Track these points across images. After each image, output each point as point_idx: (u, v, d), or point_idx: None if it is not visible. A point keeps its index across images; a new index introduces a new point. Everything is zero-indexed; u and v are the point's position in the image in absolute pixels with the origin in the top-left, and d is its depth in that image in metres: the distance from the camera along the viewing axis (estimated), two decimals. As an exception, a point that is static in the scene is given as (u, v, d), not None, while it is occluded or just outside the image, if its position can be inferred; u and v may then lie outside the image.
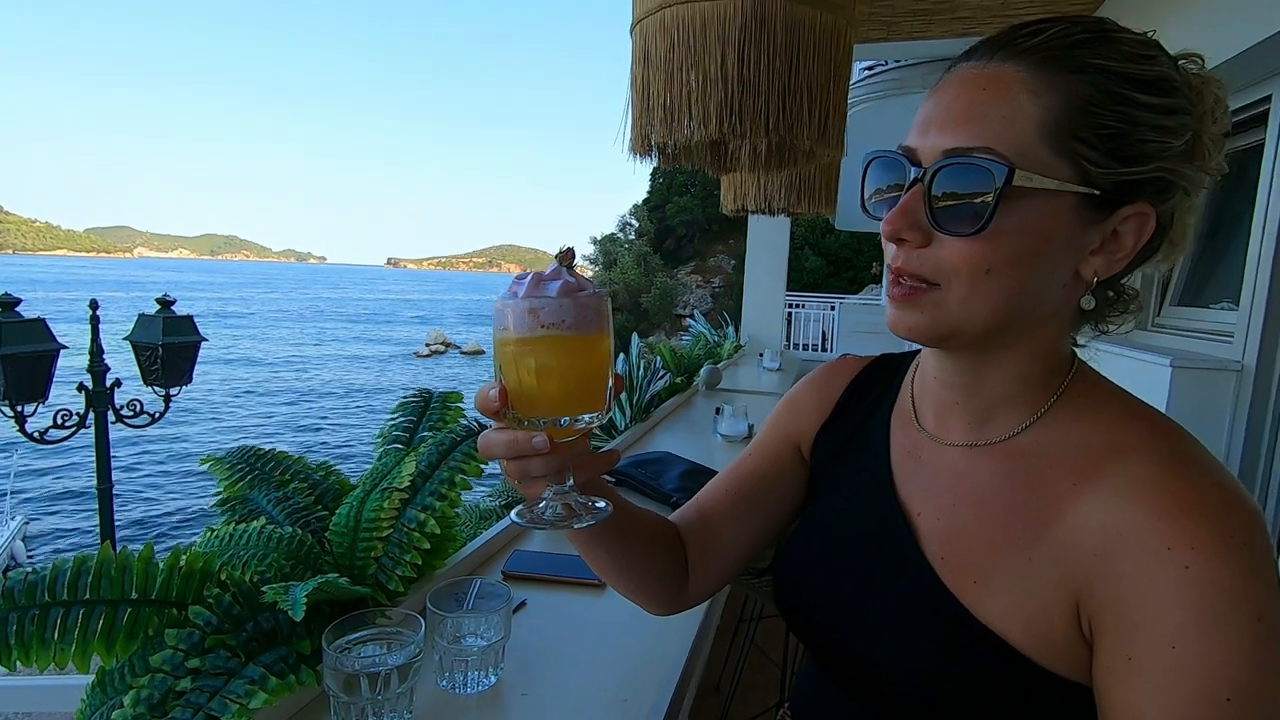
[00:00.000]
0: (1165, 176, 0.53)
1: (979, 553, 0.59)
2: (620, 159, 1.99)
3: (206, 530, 0.98)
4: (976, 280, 0.54)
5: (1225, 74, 2.19)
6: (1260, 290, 2.31)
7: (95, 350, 5.26)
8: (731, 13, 1.75)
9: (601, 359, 0.56)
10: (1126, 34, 0.54)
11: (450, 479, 1.02)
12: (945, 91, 0.56)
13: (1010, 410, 0.62)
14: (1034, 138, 0.51)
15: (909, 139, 0.57)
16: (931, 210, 0.54)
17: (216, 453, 1.13)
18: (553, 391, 0.54)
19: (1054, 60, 0.52)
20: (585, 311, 0.54)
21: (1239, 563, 0.47)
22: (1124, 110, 0.51)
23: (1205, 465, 0.53)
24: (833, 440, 0.78)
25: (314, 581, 0.81)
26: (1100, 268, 0.56)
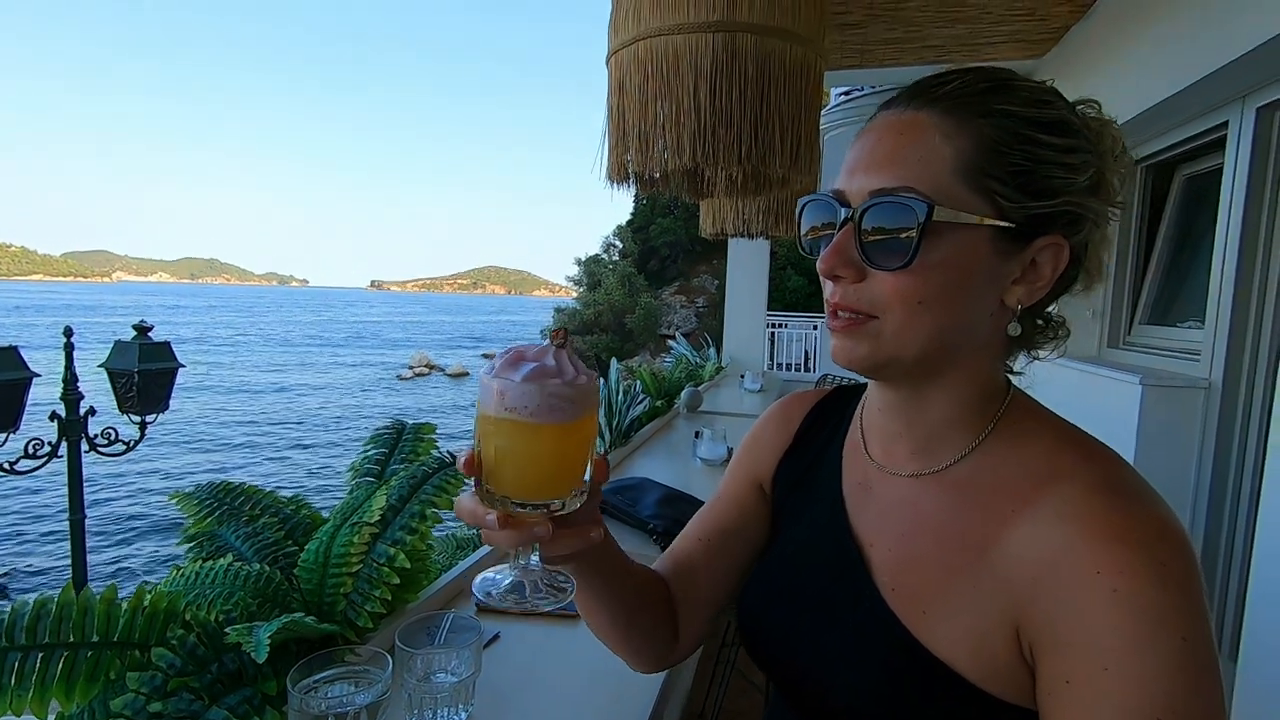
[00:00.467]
0: (1073, 210, 0.58)
1: (928, 583, 0.61)
2: (602, 183, 2.02)
3: (173, 569, 0.96)
4: (910, 311, 0.57)
5: (1184, 101, 2.28)
6: (1224, 309, 2.38)
7: (68, 378, 5.17)
8: (703, 46, 1.79)
9: (569, 449, 0.55)
10: (1026, 82, 0.59)
11: (421, 512, 1.01)
12: (868, 137, 0.61)
13: (951, 438, 0.64)
14: (950, 177, 0.56)
15: (838, 182, 0.62)
16: (862, 247, 0.58)
17: (185, 488, 1.12)
18: (509, 474, 0.54)
19: (963, 106, 0.57)
20: (552, 400, 0.52)
21: (1165, 586, 0.49)
22: (1029, 149, 0.56)
23: (1136, 492, 0.55)
24: (793, 470, 0.80)
25: (278, 621, 0.80)
26: (1023, 296, 0.59)
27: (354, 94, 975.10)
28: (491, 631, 1.13)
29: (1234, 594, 2.35)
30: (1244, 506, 2.33)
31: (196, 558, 0.99)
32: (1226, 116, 2.45)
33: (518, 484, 0.54)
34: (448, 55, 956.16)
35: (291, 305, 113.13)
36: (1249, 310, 2.32)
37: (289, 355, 39.79)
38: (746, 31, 1.79)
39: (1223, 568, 2.41)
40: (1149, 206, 3.22)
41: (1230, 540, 2.39)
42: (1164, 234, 3.11)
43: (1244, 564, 2.28)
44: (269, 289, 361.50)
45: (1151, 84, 2.58)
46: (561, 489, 0.55)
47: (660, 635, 0.78)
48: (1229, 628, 2.35)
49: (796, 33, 1.81)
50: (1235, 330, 2.35)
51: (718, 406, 4.00)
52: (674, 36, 1.82)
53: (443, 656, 0.91)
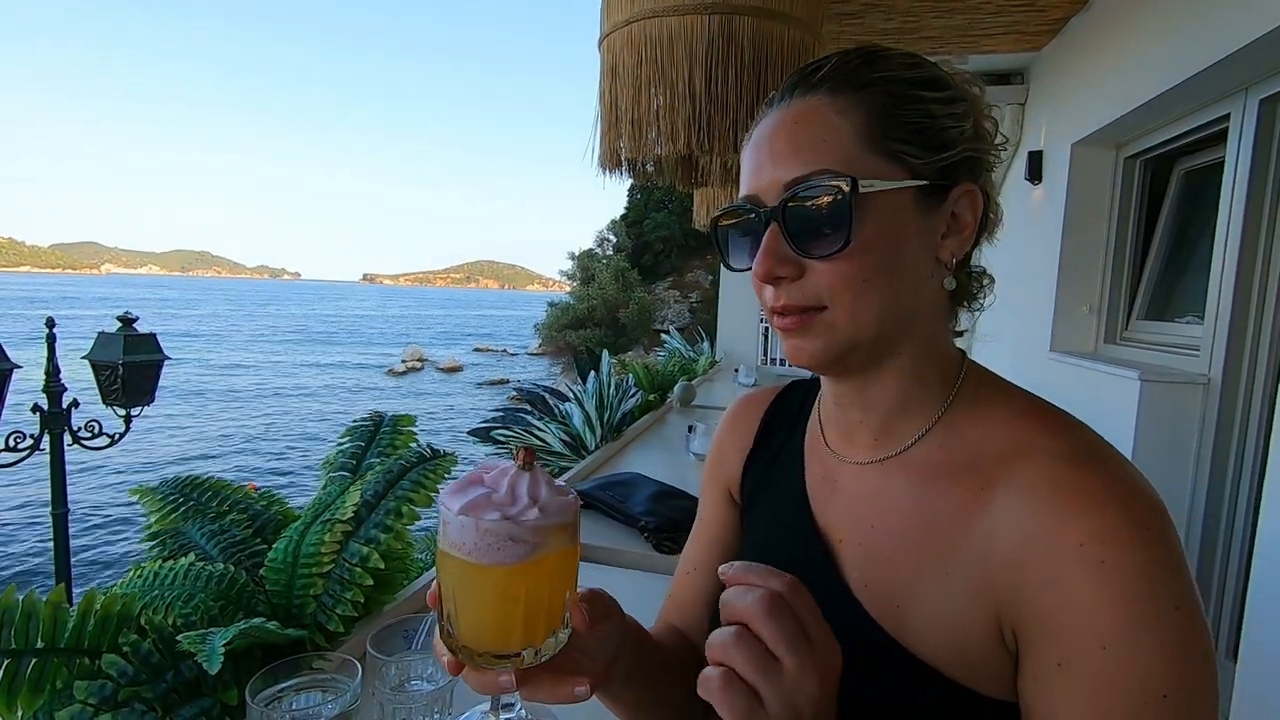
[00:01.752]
0: (972, 155, 0.59)
1: (899, 576, 0.59)
2: (594, 171, 1.98)
3: (133, 568, 0.91)
4: (857, 292, 0.56)
5: (1185, 94, 2.25)
6: (1224, 304, 2.34)
7: (51, 370, 5.08)
8: (699, 29, 1.75)
9: (527, 593, 0.46)
10: (894, 50, 0.60)
11: (397, 509, 0.96)
12: (762, 137, 0.60)
13: (910, 417, 0.63)
14: (857, 149, 0.56)
15: (746, 188, 0.61)
16: (793, 241, 0.57)
17: (148, 483, 1.06)
18: (464, 619, 0.47)
19: (845, 83, 0.58)
20: (489, 539, 0.44)
21: (1151, 552, 0.48)
22: (919, 106, 0.57)
23: (1104, 458, 0.54)
24: (756, 472, 0.78)
25: (235, 628, 0.74)
26: (955, 248, 0.60)
27: (347, 87, 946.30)
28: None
29: (1233, 592, 2.32)
30: (1243, 504, 2.30)
31: (158, 557, 0.94)
32: (1228, 109, 2.41)
33: (474, 631, 0.46)
34: (441, 48, 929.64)
35: (284, 299, 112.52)
36: (1249, 305, 2.29)
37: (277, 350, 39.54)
38: (743, 14, 1.75)
39: (1221, 565, 2.38)
40: (1147, 201, 3.19)
41: (1229, 538, 2.36)
42: (1162, 229, 3.08)
43: (1243, 562, 2.26)
44: (261, 282, 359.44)
45: (1152, 76, 2.55)
46: (528, 637, 0.47)
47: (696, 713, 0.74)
48: (1228, 625, 2.33)
49: (794, 16, 1.76)
50: (1235, 326, 2.32)
51: (711, 401, 3.95)
52: (668, 19, 1.77)
53: (419, 662, 0.86)
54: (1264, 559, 1.85)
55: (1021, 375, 3.76)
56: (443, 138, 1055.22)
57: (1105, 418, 2.66)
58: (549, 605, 0.48)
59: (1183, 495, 2.45)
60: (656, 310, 25.90)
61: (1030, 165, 3.69)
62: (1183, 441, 2.44)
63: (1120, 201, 3.25)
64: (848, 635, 0.58)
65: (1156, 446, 2.46)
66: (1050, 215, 3.47)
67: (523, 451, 0.49)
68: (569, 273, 29.41)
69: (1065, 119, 3.43)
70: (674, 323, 23.35)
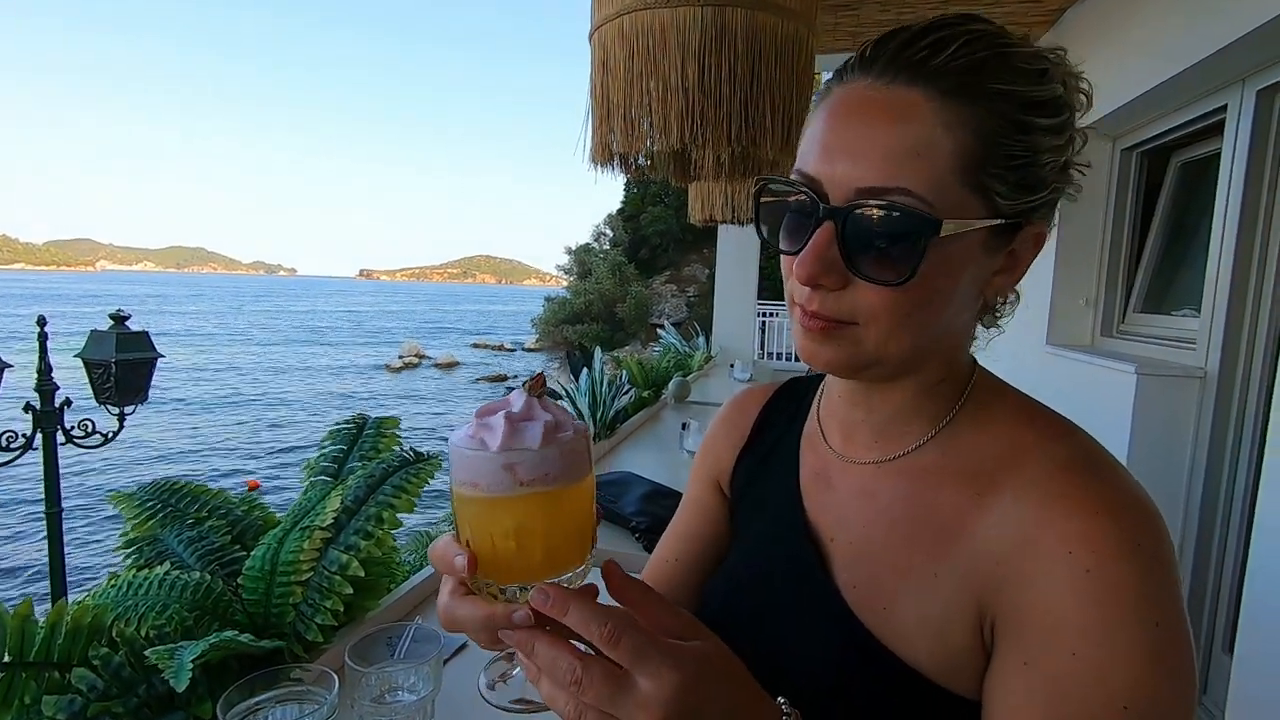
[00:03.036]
0: (1058, 195, 0.56)
1: (887, 577, 0.58)
2: (586, 166, 1.96)
3: (109, 577, 0.89)
4: (897, 323, 0.52)
5: (1182, 84, 2.22)
6: (1221, 297, 2.33)
7: (43, 368, 5.04)
8: (691, 20, 1.72)
9: (587, 505, 0.49)
10: (1022, 48, 0.52)
11: (378, 515, 0.94)
12: (847, 111, 0.52)
13: (914, 424, 0.61)
14: (950, 177, 0.49)
15: (810, 164, 0.53)
16: (847, 254, 0.51)
17: (126, 488, 1.04)
18: (536, 555, 0.46)
19: (964, 88, 0.50)
20: (571, 457, 0.46)
21: (1139, 565, 0.47)
22: (1027, 139, 0.51)
23: (1103, 466, 0.53)
24: (748, 466, 0.76)
25: (205, 641, 0.72)
26: (1002, 285, 0.56)
27: (344, 82, 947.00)
28: (457, 641, 1.06)
29: (1229, 585, 2.31)
30: (1239, 497, 2.29)
31: (134, 565, 0.91)
32: (1225, 100, 2.39)
33: (545, 563, 0.46)
34: (438, 42, 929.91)
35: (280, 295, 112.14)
36: (1246, 298, 2.27)
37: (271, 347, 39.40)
38: (736, 5, 1.72)
39: (1217, 559, 2.37)
40: (1143, 193, 3.17)
41: (1225, 531, 2.35)
42: (1158, 221, 3.06)
43: (1240, 555, 2.25)
44: (257, 278, 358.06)
45: (1149, 67, 2.52)
46: (582, 552, 0.49)
47: None
48: (1224, 620, 2.32)
49: (788, 7, 1.74)
50: (1232, 318, 2.30)
51: (706, 396, 3.93)
52: (661, 10, 1.75)
53: (400, 672, 0.84)
54: (1260, 553, 1.84)
55: (1019, 369, 3.75)
56: (440, 132, 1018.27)
57: (1102, 412, 2.65)
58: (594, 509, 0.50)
59: (1179, 489, 2.44)
60: (654, 304, 25.87)
61: (1026, 158, 3.67)
62: (1179, 435, 2.42)
63: (1117, 193, 3.22)
64: (835, 635, 0.58)
65: (1153, 440, 2.44)
66: (1046, 208, 3.45)
67: (536, 380, 0.49)
68: (566, 267, 29.36)
69: (1061, 111, 3.40)
70: (671, 317, 23.34)
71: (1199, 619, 2.39)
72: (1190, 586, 2.42)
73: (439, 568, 0.48)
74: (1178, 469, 2.44)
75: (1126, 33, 2.74)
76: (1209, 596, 2.38)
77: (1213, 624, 2.37)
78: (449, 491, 0.48)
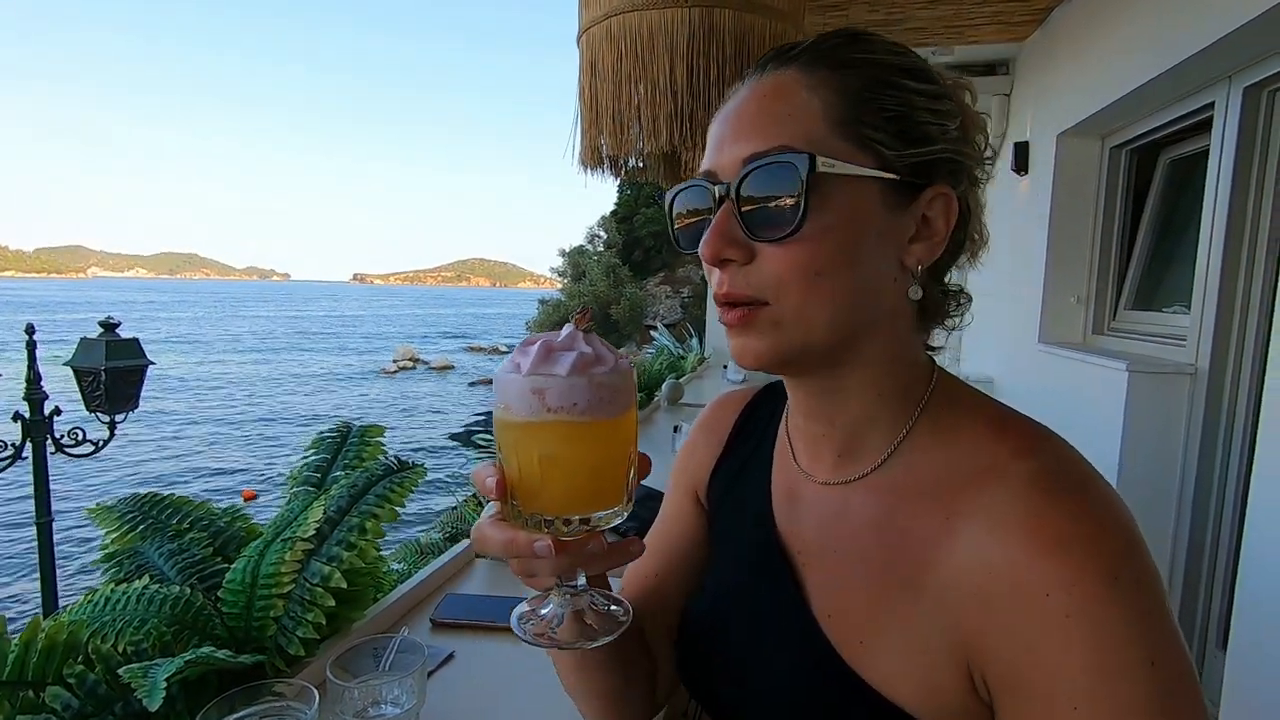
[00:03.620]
0: (953, 157, 0.55)
1: (864, 608, 0.56)
2: (575, 169, 1.95)
3: (86, 593, 0.87)
4: (807, 285, 0.52)
5: (1169, 82, 2.23)
6: (1211, 294, 2.33)
7: (32, 377, 5.00)
8: (679, 22, 1.73)
9: (620, 446, 0.48)
10: (878, 36, 0.56)
11: (361, 525, 0.92)
12: (728, 111, 0.56)
13: (875, 434, 0.59)
14: (825, 130, 0.52)
15: (706, 163, 0.57)
16: (745, 222, 0.53)
17: (105, 500, 1.02)
18: (559, 486, 0.46)
19: (822, 59, 0.54)
20: (602, 392, 0.45)
21: (1121, 600, 0.45)
22: (897, 94, 0.53)
23: (1075, 483, 0.50)
24: (725, 477, 0.74)
25: (182, 658, 0.71)
26: (922, 254, 0.55)
27: (336, 86, 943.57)
28: (444, 651, 1.05)
29: (1222, 581, 2.32)
30: (1231, 492, 2.30)
31: (113, 579, 0.90)
32: (1213, 97, 2.40)
33: (569, 496, 0.46)
34: (430, 45, 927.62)
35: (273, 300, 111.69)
36: (1236, 294, 2.28)
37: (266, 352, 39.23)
38: (724, 6, 1.73)
39: (1210, 554, 2.38)
40: (1133, 190, 3.18)
41: (1218, 526, 2.35)
42: (1148, 218, 3.07)
43: (1232, 551, 2.25)
44: (250, 284, 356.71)
45: (1137, 65, 2.53)
46: (612, 497, 0.48)
47: (645, 694, 0.72)
48: (1218, 615, 2.32)
49: (776, 7, 1.74)
50: (1222, 315, 2.30)
51: (700, 399, 3.92)
52: (648, 12, 1.75)
53: (381, 686, 0.82)
54: (1252, 548, 1.85)
55: (1011, 367, 3.76)
56: (432, 135, 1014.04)
57: (1094, 409, 2.65)
58: (632, 455, 0.49)
59: (1171, 485, 2.44)
60: (648, 306, 25.86)
61: (1016, 156, 3.68)
62: (1171, 431, 2.43)
63: (1106, 191, 3.23)
64: (813, 668, 0.56)
65: (1145, 437, 2.45)
66: (1037, 206, 3.45)
67: (584, 313, 0.49)
68: (560, 269, 29.33)
69: (1050, 109, 3.41)
70: (665, 318, 23.35)
71: (1192, 615, 2.40)
72: (1183, 582, 2.42)
73: (476, 487, 0.49)
74: (1170, 465, 2.44)
75: (1114, 31, 2.75)
76: (1202, 592, 2.39)
77: (1206, 620, 2.37)
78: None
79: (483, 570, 1.36)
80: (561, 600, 0.50)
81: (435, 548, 2.62)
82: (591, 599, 0.51)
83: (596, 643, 0.49)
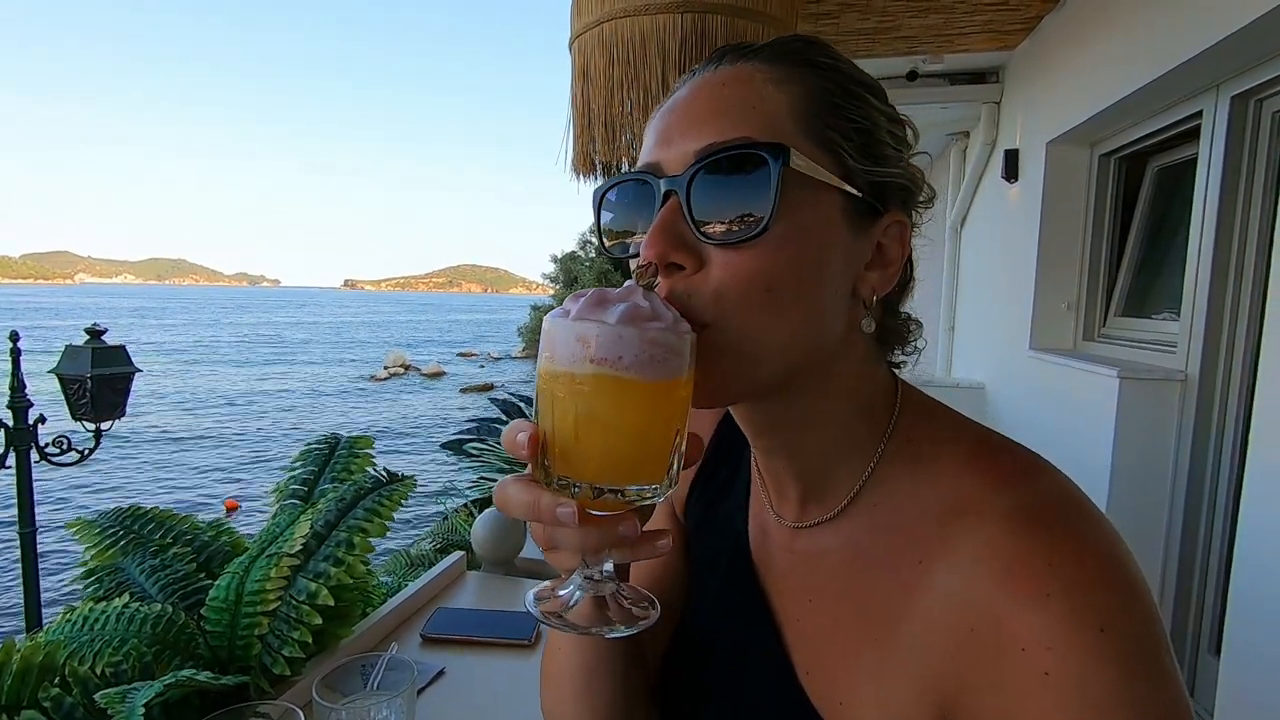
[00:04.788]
0: (907, 185, 0.51)
1: (840, 666, 0.51)
2: (567, 175, 1.95)
3: (64, 610, 0.84)
4: (757, 304, 0.45)
5: (1157, 91, 2.25)
6: (1200, 301, 2.34)
7: (16, 384, 4.93)
8: (671, 28, 1.73)
9: (666, 416, 0.43)
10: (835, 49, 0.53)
11: (349, 540, 0.90)
12: (675, 103, 0.50)
13: (839, 471, 0.54)
14: (790, 125, 0.46)
15: (646, 157, 0.50)
16: (696, 223, 0.46)
17: (86, 514, 1.00)
18: (595, 448, 0.42)
19: (786, 57, 0.49)
20: (653, 349, 0.41)
21: (1107, 656, 0.39)
22: (862, 107, 0.49)
23: (1058, 518, 0.44)
24: (703, 495, 0.70)
25: (161, 682, 0.69)
26: (877, 284, 0.51)
27: (327, 90, 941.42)
28: (434, 668, 1.03)
29: (1214, 588, 2.32)
30: (1223, 498, 2.30)
31: (93, 596, 0.87)
32: (1200, 106, 2.42)
33: (604, 461, 0.42)
34: (422, 52, 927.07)
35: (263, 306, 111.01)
36: (1225, 301, 2.29)
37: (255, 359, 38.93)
38: (716, 12, 1.73)
39: (1202, 562, 2.38)
40: (1122, 198, 3.20)
41: (1209, 533, 2.36)
42: (1137, 225, 3.08)
43: (1224, 558, 2.26)
44: (239, 289, 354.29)
45: (1125, 73, 2.55)
46: (652, 470, 0.43)
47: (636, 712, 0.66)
48: (1210, 622, 2.33)
49: (768, 14, 1.74)
50: (1211, 322, 2.32)
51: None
52: (640, 18, 1.76)
53: (369, 706, 0.81)
54: (1244, 554, 1.85)
55: (1002, 374, 3.77)
56: (423, 141, 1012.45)
57: (1086, 415, 2.66)
58: (680, 431, 0.44)
59: (1163, 491, 2.45)
60: (640, 312, 25.83)
61: (1006, 163, 3.70)
62: (1162, 438, 2.44)
63: (1096, 199, 3.25)
64: None
65: (1136, 443, 2.45)
66: (1027, 213, 3.47)
67: (646, 266, 0.45)
68: (552, 275, 29.30)
69: (1040, 117, 3.43)
70: (658, 324, 23.35)
71: (1184, 621, 2.40)
72: (1175, 589, 2.42)
73: (507, 445, 0.45)
74: (1161, 471, 2.45)
75: (1104, 40, 2.77)
76: (1194, 598, 2.39)
77: (1198, 626, 2.37)
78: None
79: (474, 583, 1.34)
80: (583, 584, 0.46)
81: (425, 559, 2.58)
82: (617, 589, 0.46)
83: (613, 633, 0.44)
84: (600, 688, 0.61)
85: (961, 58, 3.88)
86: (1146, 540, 2.44)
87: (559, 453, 0.42)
